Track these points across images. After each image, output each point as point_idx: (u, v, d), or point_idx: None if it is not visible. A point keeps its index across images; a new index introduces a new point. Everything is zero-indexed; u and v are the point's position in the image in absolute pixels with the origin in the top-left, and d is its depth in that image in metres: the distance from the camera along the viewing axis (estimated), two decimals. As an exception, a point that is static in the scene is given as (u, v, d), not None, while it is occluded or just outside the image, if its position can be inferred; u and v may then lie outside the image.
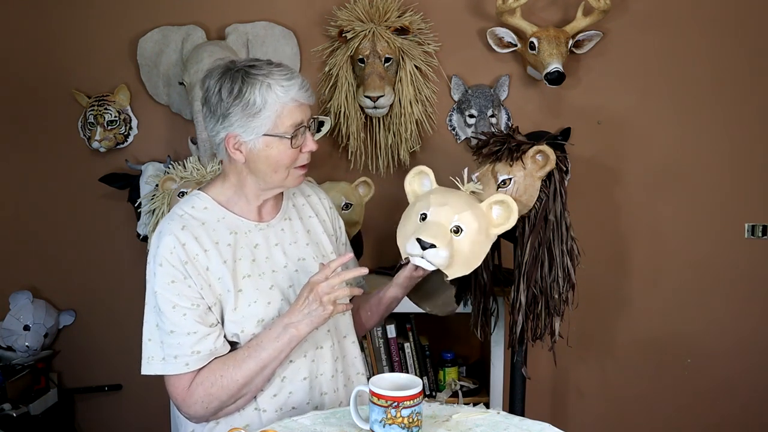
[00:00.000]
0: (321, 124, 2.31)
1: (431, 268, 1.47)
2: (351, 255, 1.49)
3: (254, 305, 1.44)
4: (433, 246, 1.43)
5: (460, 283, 1.86)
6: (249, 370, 1.39)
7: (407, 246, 1.46)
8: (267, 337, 1.39)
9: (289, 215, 1.57)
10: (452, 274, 1.50)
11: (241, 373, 1.38)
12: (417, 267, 1.52)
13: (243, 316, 1.42)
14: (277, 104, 1.38)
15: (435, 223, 1.46)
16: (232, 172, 1.47)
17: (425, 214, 1.48)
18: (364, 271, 1.45)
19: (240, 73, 1.39)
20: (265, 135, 1.39)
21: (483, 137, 1.96)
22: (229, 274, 1.42)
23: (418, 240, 1.43)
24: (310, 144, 1.45)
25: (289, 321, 1.38)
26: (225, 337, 1.43)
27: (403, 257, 1.53)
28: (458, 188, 1.60)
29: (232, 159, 1.44)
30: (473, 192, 1.61)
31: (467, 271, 1.51)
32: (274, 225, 1.53)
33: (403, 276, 1.57)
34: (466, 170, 1.63)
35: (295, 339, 1.39)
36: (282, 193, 1.58)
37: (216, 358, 1.41)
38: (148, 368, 1.41)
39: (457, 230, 1.47)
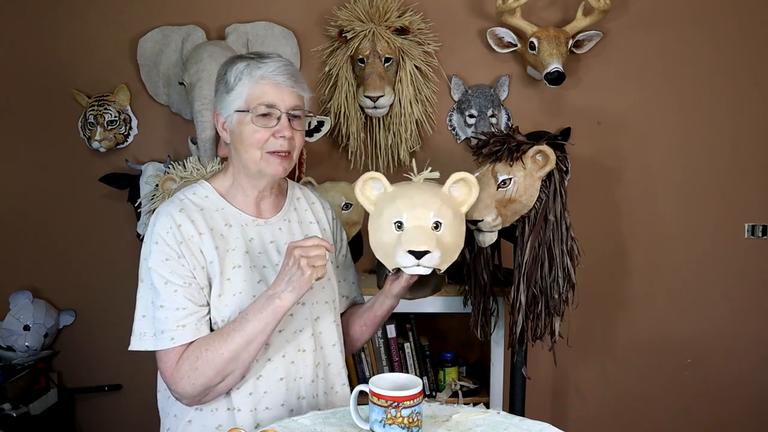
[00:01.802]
0: (321, 123, 2.34)
1: (428, 272, 1.45)
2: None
3: (239, 296, 1.44)
4: (426, 252, 1.41)
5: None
6: (234, 344, 1.36)
7: (397, 259, 1.42)
8: (251, 309, 1.38)
9: (289, 217, 1.58)
10: (444, 266, 1.47)
11: (226, 347, 1.36)
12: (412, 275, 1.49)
13: (226, 305, 1.43)
14: (249, 82, 1.43)
15: (416, 228, 1.42)
16: (231, 161, 1.52)
17: (400, 222, 1.43)
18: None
19: (231, 58, 1.48)
20: (236, 111, 1.44)
21: (483, 137, 1.96)
22: (218, 261, 1.43)
23: (411, 252, 1.40)
24: (283, 129, 1.43)
25: (273, 291, 1.37)
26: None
27: (390, 269, 1.50)
28: (411, 181, 1.55)
29: (227, 142, 1.50)
30: (428, 179, 1.55)
31: (456, 257, 1.49)
32: (273, 223, 1.53)
33: (400, 287, 1.54)
34: (414, 161, 1.62)
35: (279, 310, 1.36)
36: (285, 194, 1.59)
37: (208, 339, 1.40)
38: (138, 344, 1.40)
39: (437, 226, 1.44)
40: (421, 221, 1.42)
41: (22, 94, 2.62)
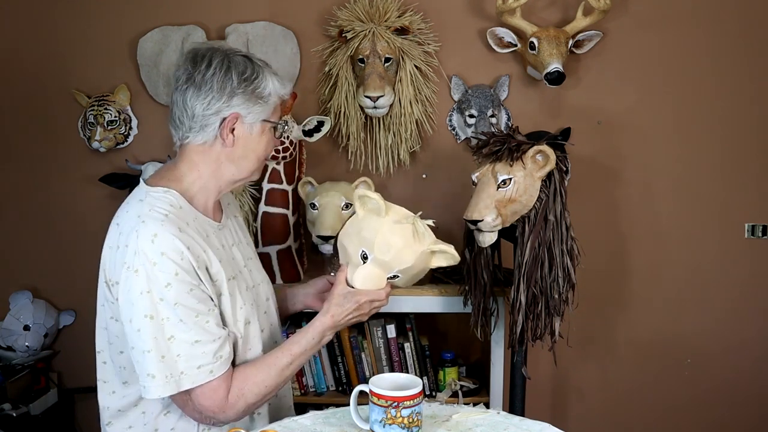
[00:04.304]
0: (321, 123, 2.34)
1: None
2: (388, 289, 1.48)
3: (245, 308, 1.43)
4: None
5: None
6: (291, 375, 1.42)
7: (348, 279, 1.46)
8: (309, 344, 1.42)
9: (228, 215, 1.55)
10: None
11: (282, 379, 1.40)
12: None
13: (238, 320, 1.40)
14: (276, 95, 1.43)
15: (374, 274, 1.44)
16: (205, 161, 1.41)
17: (366, 256, 1.44)
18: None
19: (244, 59, 1.40)
20: (263, 121, 1.42)
21: (483, 137, 1.96)
22: (221, 277, 1.38)
23: (352, 287, 1.45)
24: (277, 141, 1.51)
25: (330, 330, 1.44)
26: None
27: (341, 261, 1.52)
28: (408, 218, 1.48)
29: (215, 144, 1.39)
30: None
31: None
32: (225, 225, 1.50)
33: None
34: (419, 214, 1.47)
35: (325, 343, 1.48)
36: None
37: (248, 363, 1.39)
38: (167, 388, 1.29)
39: (395, 277, 1.46)
40: (382, 270, 1.44)
41: (22, 94, 2.62)
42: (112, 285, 1.36)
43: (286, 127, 1.50)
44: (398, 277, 1.46)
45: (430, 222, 1.47)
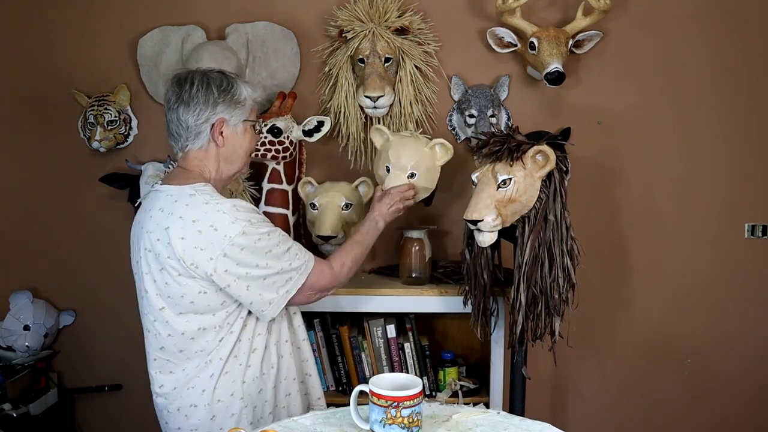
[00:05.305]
0: (321, 123, 2.35)
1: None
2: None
3: None
4: None
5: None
6: (367, 246, 1.89)
7: (382, 188, 2.07)
8: (371, 228, 1.93)
9: None
10: (418, 198, 2.12)
11: (364, 248, 1.88)
12: None
13: None
14: (250, 99, 1.73)
15: (395, 175, 2.06)
16: (208, 162, 1.70)
17: (388, 168, 2.08)
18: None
19: (219, 74, 1.70)
20: (244, 121, 1.71)
21: (483, 137, 1.97)
22: None
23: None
24: (257, 137, 1.81)
25: (380, 218, 1.95)
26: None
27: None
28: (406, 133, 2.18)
29: (210, 147, 1.68)
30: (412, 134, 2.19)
31: (428, 194, 2.17)
32: None
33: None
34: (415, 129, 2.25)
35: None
36: None
37: (340, 249, 1.85)
38: (302, 277, 1.67)
39: (413, 175, 2.06)
40: (400, 171, 2.06)
41: (22, 94, 2.62)
42: (197, 267, 1.56)
43: (262, 125, 1.88)
44: (415, 174, 2.06)
45: (420, 131, 2.23)
